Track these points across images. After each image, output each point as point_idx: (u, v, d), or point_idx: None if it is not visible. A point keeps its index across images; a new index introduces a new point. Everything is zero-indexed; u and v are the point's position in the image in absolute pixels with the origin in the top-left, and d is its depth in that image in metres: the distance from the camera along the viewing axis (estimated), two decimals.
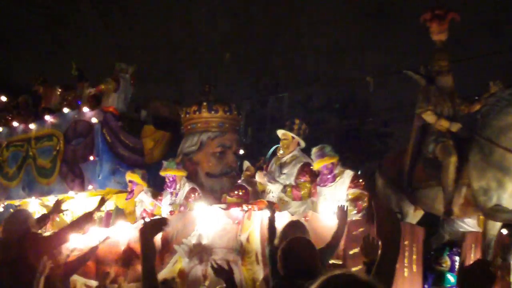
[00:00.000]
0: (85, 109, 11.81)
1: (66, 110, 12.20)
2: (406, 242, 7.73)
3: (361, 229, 7.64)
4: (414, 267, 7.90)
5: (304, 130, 9.89)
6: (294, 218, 7.77)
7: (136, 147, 11.85)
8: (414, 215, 8.74)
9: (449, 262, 8.41)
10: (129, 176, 10.80)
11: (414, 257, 7.91)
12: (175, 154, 11.47)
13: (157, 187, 11.17)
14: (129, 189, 10.85)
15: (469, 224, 8.85)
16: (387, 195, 8.61)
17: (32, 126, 12.70)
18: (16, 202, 12.94)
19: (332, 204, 8.11)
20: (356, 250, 6.95)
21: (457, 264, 8.40)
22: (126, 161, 11.68)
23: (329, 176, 9.10)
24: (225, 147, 11.21)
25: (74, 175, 11.66)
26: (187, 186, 10.17)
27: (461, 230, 8.82)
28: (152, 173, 11.43)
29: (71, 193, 11.70)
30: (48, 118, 12.42)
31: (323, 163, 9.06)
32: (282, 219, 7.54)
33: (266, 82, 26.51)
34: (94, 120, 11.45)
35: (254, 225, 8.44)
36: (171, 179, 10.27)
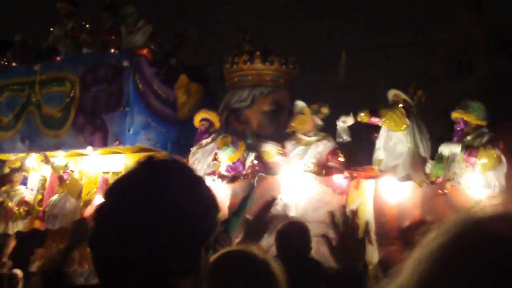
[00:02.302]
0: (111, 50, 9.93)
1: (84, 50, 10.26)
2: None
3: None
4: None
5: None
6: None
7: (170, 99, 10.11)
8: None
9: None
10: (205, 113, 9.20)
11: None
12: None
13: (190, 147, 9.54)
14: (202, 129, 9.20)
15: None
16: None
17: (36, 67, 10.67)
18: (11, 156, 10.93)
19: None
20: None
21: None
22: (158, 114, 9.95)
23: None
24: (279, 105, 9.66)
25: (95, 127, 9.81)
26: (250, 155, 8.57)
27: None
28: (184, 131, 9.79)
29: (88, 148, 9.86)
30: (58, 58, 10.45)
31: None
32: None
33: None
34: (125, 63, 9.61)
35: (365, 195, 7.00)
36: (236, 163, 8.61)
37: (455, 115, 7.21)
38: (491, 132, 7.04)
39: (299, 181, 7.42)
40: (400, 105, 7.49)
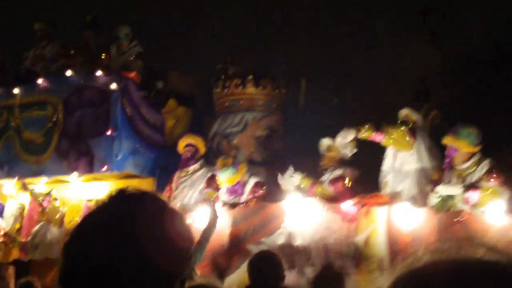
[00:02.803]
0: (98, 73, 9.56)
1: (68, 73, 9.86)
2: None
3: None
4: None
5: None
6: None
7: (157, 124, 9.79)
8: None
9: None
10: (190, 138, 8.87)
11: None
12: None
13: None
14: (188, 155, 8.83)
15: None
16: None
17: (16, 90, 10.23)
18: None
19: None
20: None
21: None
22: (146, 139, 9.61)
23: None
24: (272, 130, 9.45)
25: (80, 152, 9.42)
26: (252, 180, 8.27)
27: None
28: (173, 156, 9.47)
29: (73, 175, 9.43)
30: (40, 81, 10.03)
31: None
32: None
33: None
34: (113, 86, 9.26)
35: (376, 223, 6.79)
36: (236, 186, 8.28)
37: (446, 141, 7.04)
38: (487, 161, 6.88)
39: (305, 208, 7.17)
40: (409, 125, 7.31)
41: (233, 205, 7.91)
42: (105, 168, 9.14)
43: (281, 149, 9.46)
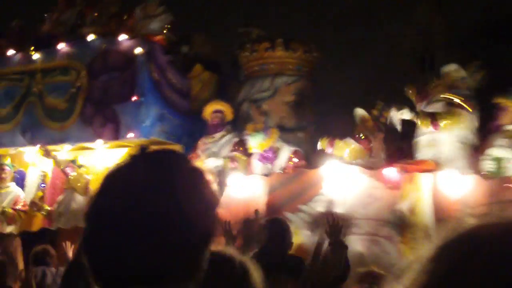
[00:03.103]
0: (122, 37, 9.27)
1: (90, 37, 9.57)
2: None
3: None
4: None
5: None
6: None
7: (183, 89, 9.51)
8: None
9: None
10: (217, 104, 8.78)
11: None
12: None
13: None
14: (215, 121, 8.66)
15: None
16: None
17: (36, 56, 9.95)
18: (11, 150, 10.19)
19: None
20: None
21: None
22: (173, 105, 9.36)
23: None
24: (303, 96, 9.17)
25: (105, 118, 9.17)
26: (286, 150, 8.04)
27: None
28: (199, 123, 9.23)
29: (98, 142, 9.20)
30: (61, 46, 9.74)
31: None
32: None
33: None
34: (138, 50, 8.96)
35: (421, 190, 6.55)
36: (268, 152, 8.05)
37: (497, 100, 6.80)
38: None
39: (344, 174, 6.93)
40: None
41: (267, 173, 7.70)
42: (131, 134, 8.89)
43: (311, 115, 9.18)
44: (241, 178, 7.59)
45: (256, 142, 7.95)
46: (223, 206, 7.53)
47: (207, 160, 8.54)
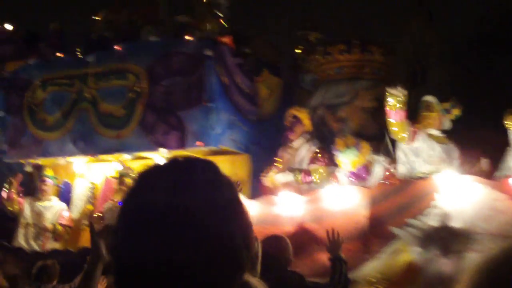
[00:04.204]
0: (188, 37, 8.62)
1: (152, 38, 8.93)
2: None
3: None
4: None
5: None
6: None
7: (251, 94, 8.88)
8: None
9: None
10: (295, 111, 8.12)
11: None
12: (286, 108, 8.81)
13: (271, 150, 8.37)
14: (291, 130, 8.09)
15: None
16: None
17: (89, 58, 9.27)
18: (59, 160, 9.48)
19: None
20: None
21: None
22: (241, 111, 8.72)
23: None
24: (381, 102, 8.54)
25: (169, 126, 8.50)
26: (380, 162, 7.41)
27: None
28: (265, 131, 8.62)
29: (162, 151, 8.52)
30: (118, 48, 9.08)
31: None
32: None
33: None
34: (207, 52, 8.32)
35: None
36: (360, 170, 7.43)
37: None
38: None
39: (461, 184, 6.30)
40: None
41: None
42: (201, 143, 8.22)
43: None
44: (338, 190, 6.95)
45: (348, 159, 7.31)
46: (315, 220, 6.92)
47: (277, 176, 7.94)
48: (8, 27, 11.29)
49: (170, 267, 1.21)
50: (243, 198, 1.33)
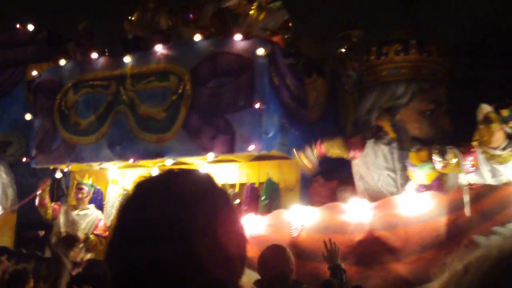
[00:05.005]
0: (237, 37, 8.20)
1: (197, 37, 8.48)
2: None
3: None
4: None
5: None
6: None
7: (301, 96, 8.46)
8: None
9: None
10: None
11: None
12: (334, 112, 8.45)
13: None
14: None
15: None
16: None
17: (126, 59, 8.79)
18: (95, 166, 8.99)
19: None
20: None
21: None
22: (291, 114, 8.30)
23: None
24: (439, 104, 8.19)
25: (216, 129, 8.05)
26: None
27: None
28: (313, 134, 8.23)
29: (210, 155, 8.07)
30: (158, 49, 8.62)
31: None
32: None
33: None
34: (260, 51, 7.89)
35: None
36: (433, 183, 7.03)
37: None
38: None
39: None
40: None
41: None
42: (252, 147, 7.78)
43: (447, 126, 8.20)
44: (411, 195, 6.55)
45: (423, 174, 6.94)
46: (387, 227, 6.52)
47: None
48: (30, 27, 10.81)
49: (163, 277, 1.23)
50: (286, 210, 1.47)
